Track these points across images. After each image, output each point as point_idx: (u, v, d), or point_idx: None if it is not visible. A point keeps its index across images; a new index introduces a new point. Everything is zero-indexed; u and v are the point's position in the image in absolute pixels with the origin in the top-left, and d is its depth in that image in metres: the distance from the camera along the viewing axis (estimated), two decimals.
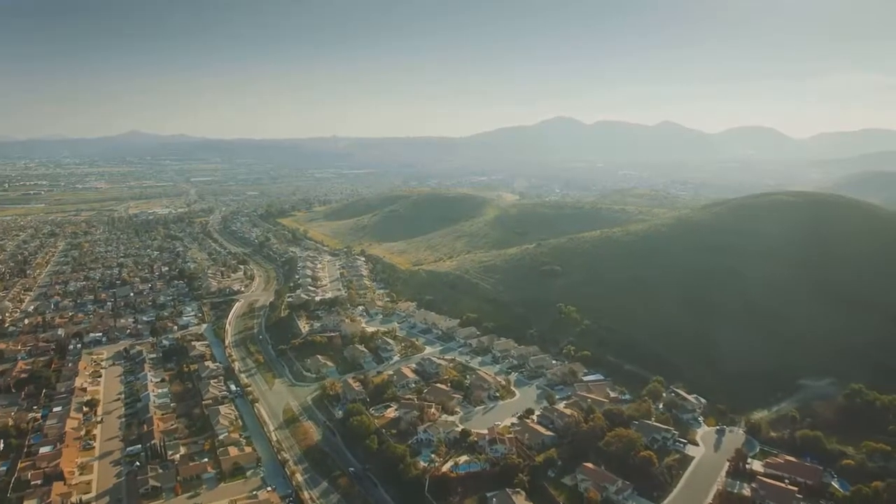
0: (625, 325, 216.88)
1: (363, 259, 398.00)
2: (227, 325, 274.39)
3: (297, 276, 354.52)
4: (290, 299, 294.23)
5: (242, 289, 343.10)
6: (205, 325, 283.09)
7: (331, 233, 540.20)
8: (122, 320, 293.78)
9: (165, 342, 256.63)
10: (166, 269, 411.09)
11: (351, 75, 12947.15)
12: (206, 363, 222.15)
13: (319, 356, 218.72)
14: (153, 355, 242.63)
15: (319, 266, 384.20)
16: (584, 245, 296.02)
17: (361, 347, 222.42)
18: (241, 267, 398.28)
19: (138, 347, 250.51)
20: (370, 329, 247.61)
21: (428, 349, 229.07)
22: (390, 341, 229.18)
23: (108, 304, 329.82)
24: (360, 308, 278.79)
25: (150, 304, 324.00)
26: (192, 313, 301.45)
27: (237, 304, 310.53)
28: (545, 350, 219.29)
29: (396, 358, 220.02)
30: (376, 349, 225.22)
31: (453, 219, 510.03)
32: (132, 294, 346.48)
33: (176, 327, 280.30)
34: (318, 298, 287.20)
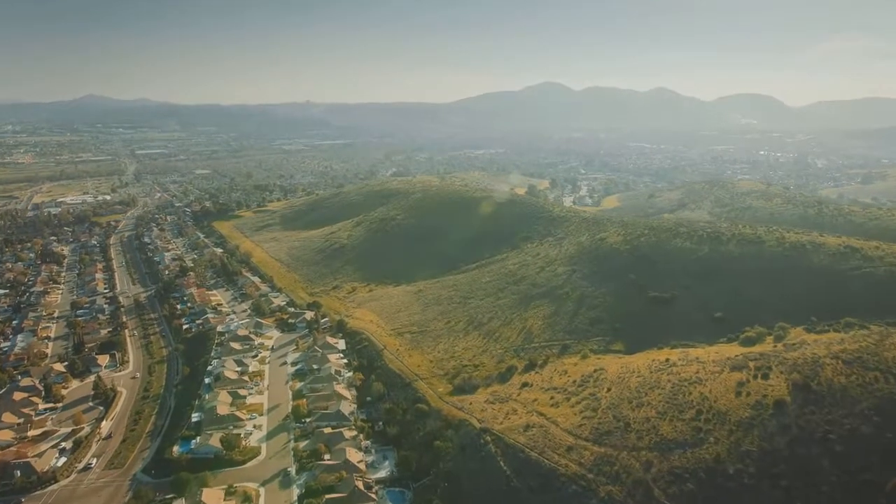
0: None
1: (340, 350, 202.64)
2: None
3: (195, 418, 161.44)
4: None
5: (58, 457, 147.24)
6: None
7: (288, 256, 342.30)
8: None
9: None
10: None
11: (326, 38, 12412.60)
12: None
13: None
14: None
15: (252, 368, 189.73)
16: None
17: None
18: (101, 363, 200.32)
19: None
20: None
21: None
22: None
23: None
24: None
25: None
26: None
27: None
28: None
29: None
30: None
31: (486, 235, 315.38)
32: None
33: None
34: None
